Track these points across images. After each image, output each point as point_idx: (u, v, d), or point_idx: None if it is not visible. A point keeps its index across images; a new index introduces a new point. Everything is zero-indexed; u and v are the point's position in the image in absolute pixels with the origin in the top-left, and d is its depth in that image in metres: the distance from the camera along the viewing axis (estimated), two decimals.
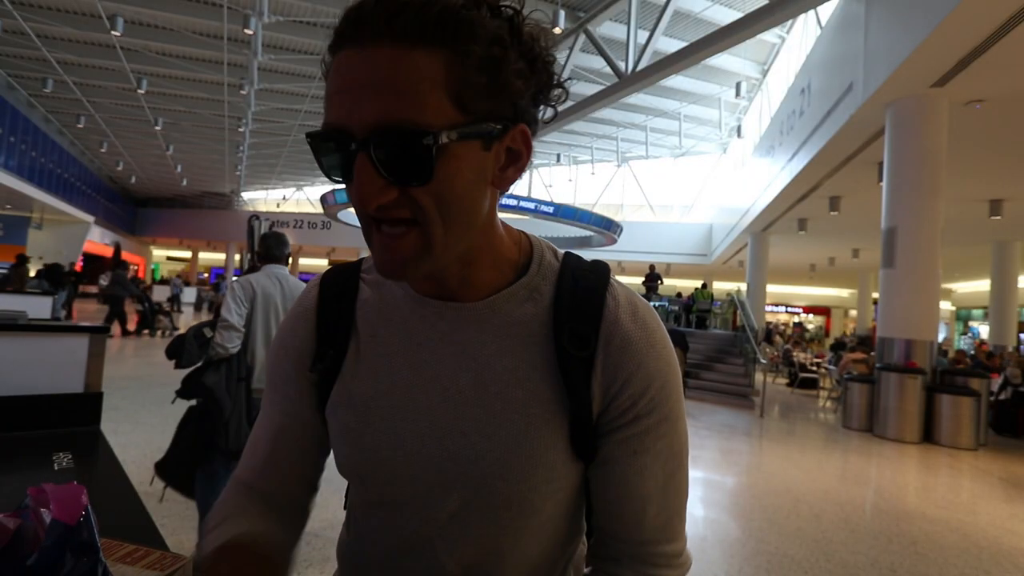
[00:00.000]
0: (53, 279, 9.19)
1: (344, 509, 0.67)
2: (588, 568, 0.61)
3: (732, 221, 18.01)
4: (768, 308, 23.66)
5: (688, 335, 10.34)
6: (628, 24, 9.92)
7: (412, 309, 0.56)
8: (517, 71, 0.46)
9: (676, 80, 15.31)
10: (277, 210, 30.02)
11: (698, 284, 15.09)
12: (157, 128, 18.27)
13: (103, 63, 13.77)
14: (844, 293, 29.69)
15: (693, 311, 13.63)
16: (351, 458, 0.56)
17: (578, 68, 12.97)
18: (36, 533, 0.63)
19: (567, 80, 0.57)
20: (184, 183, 26.50)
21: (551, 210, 18.68)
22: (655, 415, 0.53)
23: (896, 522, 3.82)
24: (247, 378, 2.41)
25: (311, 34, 11.80)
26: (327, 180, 0.62)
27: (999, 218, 11.16)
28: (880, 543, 3.40)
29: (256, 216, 12.29)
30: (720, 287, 23.56)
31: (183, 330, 2.49)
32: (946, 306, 25.54)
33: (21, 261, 11.44)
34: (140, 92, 14.83)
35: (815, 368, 11.92)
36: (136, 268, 31.54)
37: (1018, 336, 15.13)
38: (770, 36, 14.56)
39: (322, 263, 32.45)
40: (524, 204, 18.56)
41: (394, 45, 0.42)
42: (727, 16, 10.79)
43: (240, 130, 17.73)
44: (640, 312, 0.55)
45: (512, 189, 0.55)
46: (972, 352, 14.44)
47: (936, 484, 4.99)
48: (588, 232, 20.87)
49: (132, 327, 11.72)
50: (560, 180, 26.81)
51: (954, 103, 6.78)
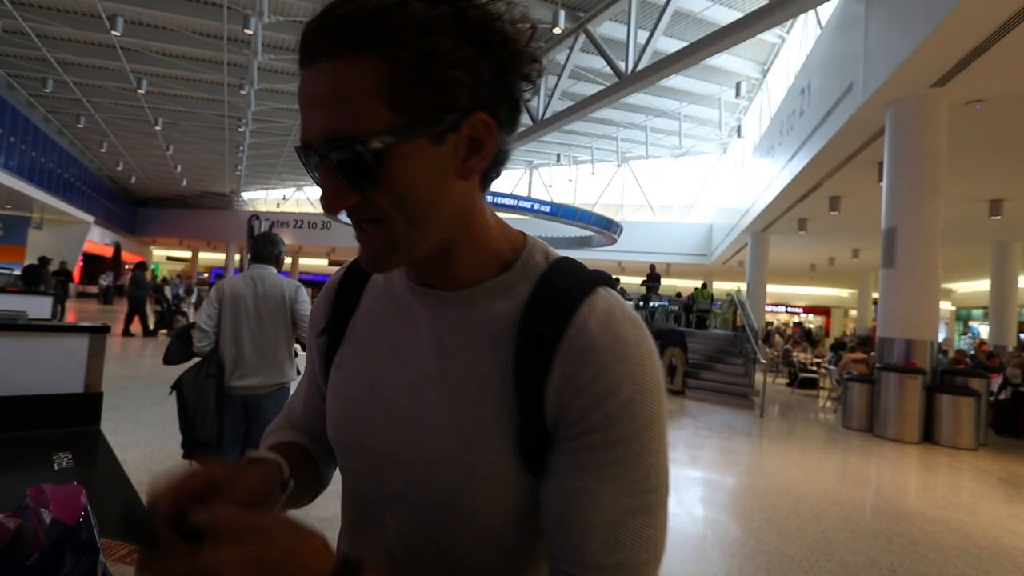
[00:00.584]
0: (28, 279, 9.15)
1: None
2: None
3: (732, 221, 18.02)
4: (768, 308, 23.67)
5: (688, 335, 10.33)
6: (628, 24, 9.91)
7: (403, 295, 0.59)
8: (458, 60, 0.45)
9: (676, 80, 15.31)
10: (277, 210, 30.02)
11: (698, 284, 15.10)
12: (157, 128, 18.26)
13: (103, 63, 13.76)
14: (844, 293, 29.69)
15: (693, 311, 13.64)
16: (331, 422, 0.61)
17: (578, 68, 12.96)
18: (36, 533, 0.63)
19: (547, 76, 0.54)
20: (184, 183, 26.50)
21: (551, 210, 18.70)
22: (610, 433, 0.47)
23: (896, 522, 3.82)
24: (218, 375, 2.54)
25: None
26: None
27: (999, 218, 11.16)
28: (880, 543, 3.40)
29: (256, 216, 12.29)
30: (720, 287, 23.56)
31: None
32: (946, 306, 25.54)
33: (44, 262, 11.50)
34: (140, 92, 14.83)
35: (815, 368, 11.92)
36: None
37: (1018, 336, 15.12)
38: (770, 36, 14.56)
39: (322, 263, 32.43)
40: (523, 204, 18.59)
41: (329, 60, 0.45)
42: (727, 16, 10.79)
43: (240, 130, 17.73)
44: (617, 323, 0.50)
45: (513, 189, 0.54)
46: (972, 352, 14.43)
47: (936, 484, 4.99)
48: (588, 232, 20.88)
49: (145, 327, 11.84)
50: (560, 180, 26.81)
51: (954, 103, 6.78)
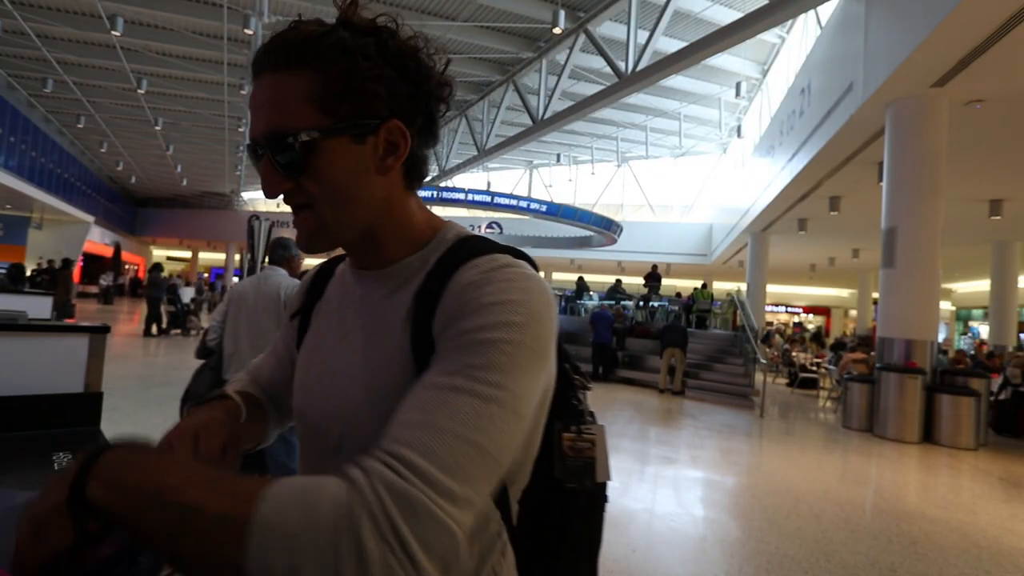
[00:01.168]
0: (14, 277, 9.13)
1: None
2: None
3: (732, 221, 18.02)
4: (768, 308, 23.67)
5: (688, 334, 10.31)
6: (628, 24, 9.91)
7: (349, 280, 0.68)
8: (375, 77, 0.56)
9: (676, 80, 15.31)
10: (277, 210, 29.93)
11: (698, 284, 15.10)
12: (157, 128, 18.27)
13: (103, 63, 13.77)
14: (844, 293, 29.70)
15: (693, 311, 13.63)
16: (294, 393, 0.70)
17: (578, 68, 12.96)
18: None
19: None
20: (184, 183, 26.51)
21: (551, 210, 18.70)
22: (463, 324, 0.51)
23: (896, 522, 3.81)
24: (217, 367, 2.81)
25: None
26: None
27: (999, 218, 11.16)
28: (880, 543, 3.40)
29: (256, 216, 12.30)
30: (720, 287, 23.56)
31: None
32: (946, 306, 25.54)
33: (66, 264, 11.51)
34: (140, 92, 14.84)
35: (815, 368, 11.93)
36: (136, 268, 31.55)
37: (1018, 336, 15.12)
38: (770, 36, 14.56)
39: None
40: (523, 204, 18.58)
41: (273, 72, 0.56)
42: (727, 16, 10.79)
43: (240, 130, 17.74)
44: (498, 271, 0.54)
45: (513, 188, 0.56)
46: (972, 352, 14.44)
47: (936, 484, 4.99)
48: (588, 232, 20.88)
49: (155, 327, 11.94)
50: (560, 180, 26.81)
51: (954, 103, 6.78)
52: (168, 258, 36.19)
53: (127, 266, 29.15)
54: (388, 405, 0.52)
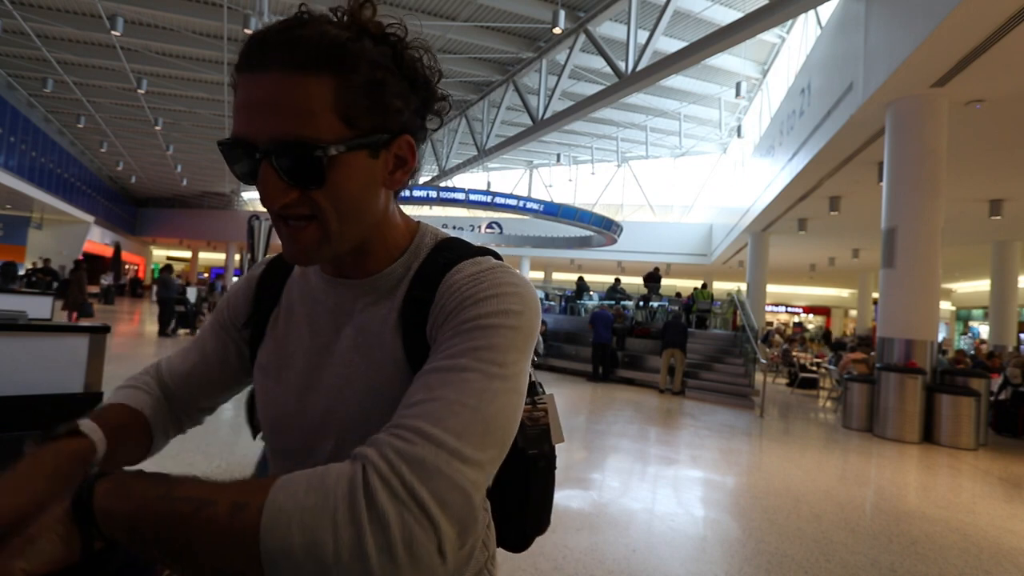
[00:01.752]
0: (5, 276, 9.16)
1: None
2: None
3: (732, 221, 18.02)
4: (768, 308, 23.67)
5: (688, 335, 10.31)
6: (628, 24, 9.92)
7: (319, 287, 0.66)
8: (397, 92, 0.55)
9: (676, 80, 15.31)
10: None
11: (698, 284, 15.10)
12: (157, 128, 18.26)
13: (103, 63, 13.77)
14: (844, 293, 29.70)
15: (693, 311, 13.64)
16: (262, 411, 0.67)
17: (578, 68, 12.97)
18: None
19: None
20: (184, 183, 26.50)
21: (551, 210, 18.69)
22: (461, 316, 0.53)
23: (896, 522, 3.81)
24: None
25: None
26: None
27: (999, 218, 11.16)
28: (880, 543, 3.40)
29: (256, 216, 12.31)
30: (720, 287, 23.57)
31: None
32: (946, 306, 25.54)
33: (78, 266, 11.54)
34: (140, 92, 14.84)
35: (815, 368, 11.92)
36: (136, 268, 31.55)
37: (1018, 336, 15.12)
38: (770, 36, 14.56)
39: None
40: (523, 204, 18.58)
41: (289, 72, 0.50)
42: (727, 16, 10.79)
43: None
44: (485, 273, 0.56)
45: (513, 188, 0.57)
46: (972, 352, 14.44)
47: (936, 484, 4.99)
48: (588, 232, 20.88)
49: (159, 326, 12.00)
50: (560, 180, 26.82)
51: (954, 103, 6.78)
52: (168, 258, 36.20)
53: (127, 266, 29.16)
54: (386, 415, 0.54)
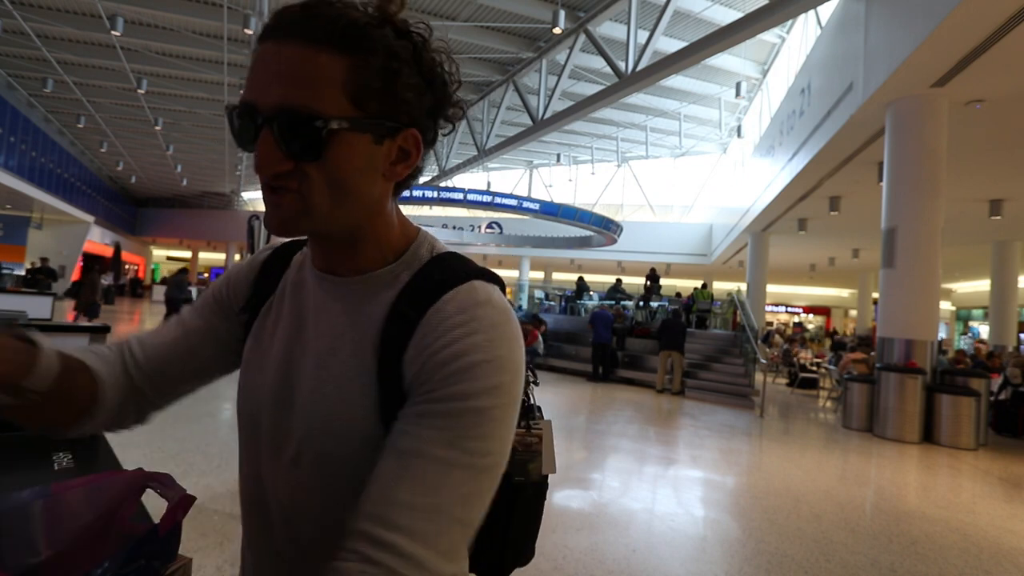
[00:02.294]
0: None
1: None
2: None
3: (732, 221, 18.02)
4: (768, 308, 23.67)
5: (687, 334, 10.31)
6: (628, 24, 9.91)
7: (309, 280, 0.64)
8: (411, 85, 0.54)
9: (676, 80, 15.31)
10: None
11: (698, 284, 15.10)
12: (157, 128, 18.27)
13: (103, 63, 13.77)
14: (844, 293, 29.70)
15: (693, 311, 13.64)
16: (239, 394, 0.66)
17: (578, 68, 12.96)
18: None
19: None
20: (184, 183, 26.50)
21: (551, 210, 18.69)
22: (451, 390, 0.50)
23: (896, 522, 3.81)
24: None
25: None
26: None
27: (999, 218, 11.16)
28: (880, 543, 3.40)
29: (256, 216, 12.32)
30: (720, 287, 23.56)
31: None
32: (946, 306, 25.53)
33: (89, 267, 11.59)
34: (140, 92, 14.84)
35: (815, 368, 11.92)
36: (136, 268, 31.55)
37: (1018, 336, 15.12)
38: (770, 36, 14.56)
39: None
40: (523, 204, 18.58)
41: (305, 45, 0.50)
42: (727, 16, 10.79)
43: None
44: (478, 307, 0.53)
45: (513, 188, 0.56)
46: (972, 352, 14.44)
47: (936, 484, 4.99)
48: (588, 232, 20.88)
49: None
50: (560, 180, 26.82)
51: (954, 103, 6.78)
52: (168, 258, 36.21)
53: (127, 266, 29.16)
54: (347, 427, 0.55)
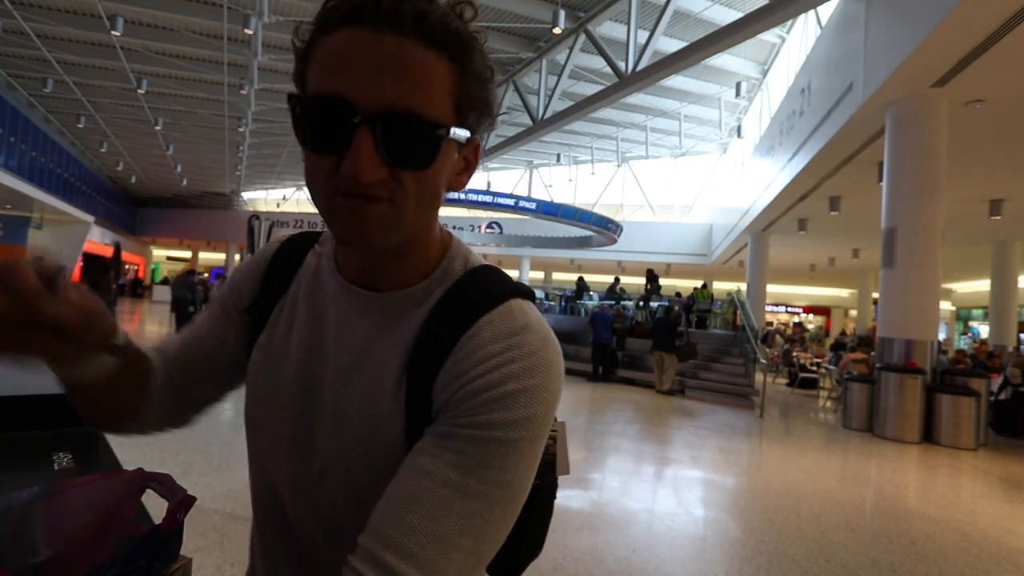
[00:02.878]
0: None
1: None
2: None
3: (732, 221, 18.02)
4: (768, 308, 23.67)
5: (687, 335, 10.30)
6: (628, 24, 9.92)
7: (334, 290, 0.59)
8: (493, 95, 0.54)
9: (676, 80, 15.31)
10: (277, 210, 30.02)
11: (698, 284, 15.10)
12: (157, 128, 18.27)
13: (103, 63, 13.77)
14: (844, 293, 29.69)
15: (693, 311, 13.64)
16: (247, 399, 0.62)
17: (578, 68, 12.96)
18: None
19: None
20: (184, 183, 26.50)
21: (551, 210, 18.69)
22: (479, 418, 0.47)
23: (896, 522, 3.81)
24: None
25: None
26: None
27: (999, 218, 11.16)
28: (880, 543, 3.40)
29: (256, 216, 12.28)
30: (720, 287, 23.56)
31: None
32: (946, 306, 25.53)
33: (105, 269, 11.67)
34: (140, 92, 14.84)
35: (815, 368, 11.92)
36: (136, 268, 31.56)
37: (1018, 336, 15.12)
38: (770, 36, 14.56)
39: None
40: (523, 204, 18.58)
41: (414, 41, 0.46)
42: (727, 16, 10.79)
43: (240, 130, 17.74)
44: (516, 335, 0.50)
45: (513, 188, 0.56)
46: (972, 352, 14.44)
47: (936, 484, 4.99)
48: (588, 232, 20.88)
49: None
50: (560, 180, 26.82)
51: (954, 103, 6.78)
52: (168, 258, 36.23)
53: (127, 266, 29.15)
54: (374, 452, 0.53)
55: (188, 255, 34.61)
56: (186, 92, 15.62)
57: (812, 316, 31.97)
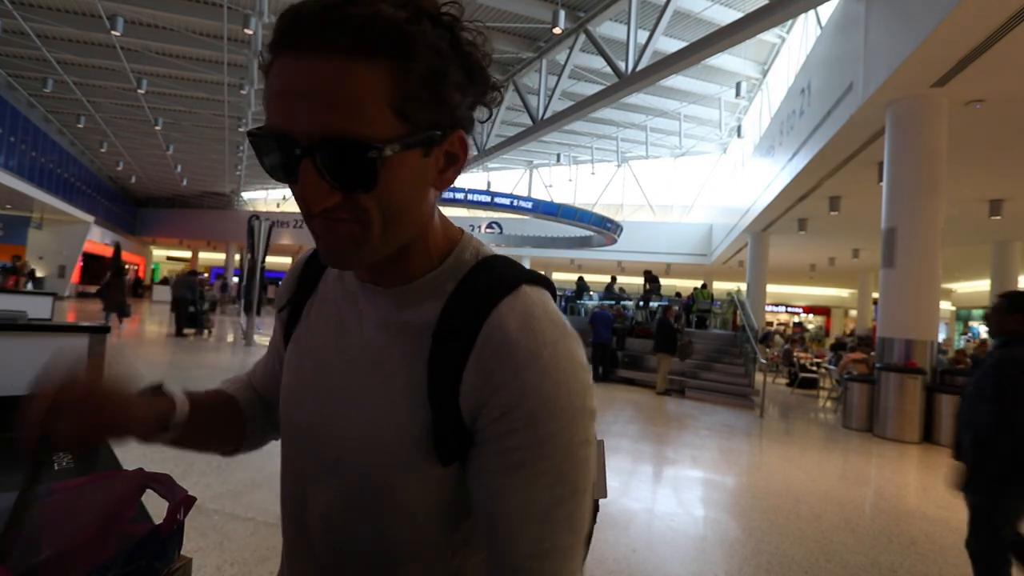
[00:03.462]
0: None
1: None
2: None
3: (732, 221, 18.02)
4: (768, 308, 23.67)
5: (688, 335, 10.31)
6: (628, 24, 9.92)
7: (352, 288, 0.62)
8: (456, 83, 0.49)
9: (676, 80, 15.31)
10: (277, 210, 30.00)
11: (698, 284, 15.10)
12: (157, 128, 18.27)
13: (103, 63, 13.77)
14: (844, 293, 29.68)
15: (693, 311, 13.64)
16: (282, 394, 0.65)
17: (578, 68, 12.96)
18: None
19: (496, 87, 0.55)
20: (184, 183, 26.51)
21: (551, 210, 18.70)
22: (534, 431, 0.48)
23: (896, 522, 3.82)
24: None
25: None
26: None
27: (999, 218, 11.16)
28: (880, 543, 3.40)
29: (256, 216, 12.27)
30: (720, 287, 23.55)
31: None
32: (946, 306, 25.52)
33: (119, 271, 11.74)
34: (140, 92, 14.84)
35: (815, 368, 11.92)
36: (136, 268, 31.55)
37: None
38: (770, 36, 14.56)
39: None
40: (523, 204, 18.59)
41: (336, 58, 0.43)
42: (727, 16, 10.79)
43: (240, 130, 17.74)
44: (535, 321, 0.50)
45: (513, 188, 0.56)
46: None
47: (936, 484, 4.99)
48: (588, 232, 20.89)
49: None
50: (560, 180, 26.81)
51: (954, 103, 6.77)
52: (168, 258, 36.22)
53: (127, 266, 29.15)
54: (392, 442, 0.53)
55: (188, 255, 34.60)
56: (186, 92, 15.62)
57: (812, 316, 31.97)
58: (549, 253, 24.45)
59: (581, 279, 16.30)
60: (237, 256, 27.72)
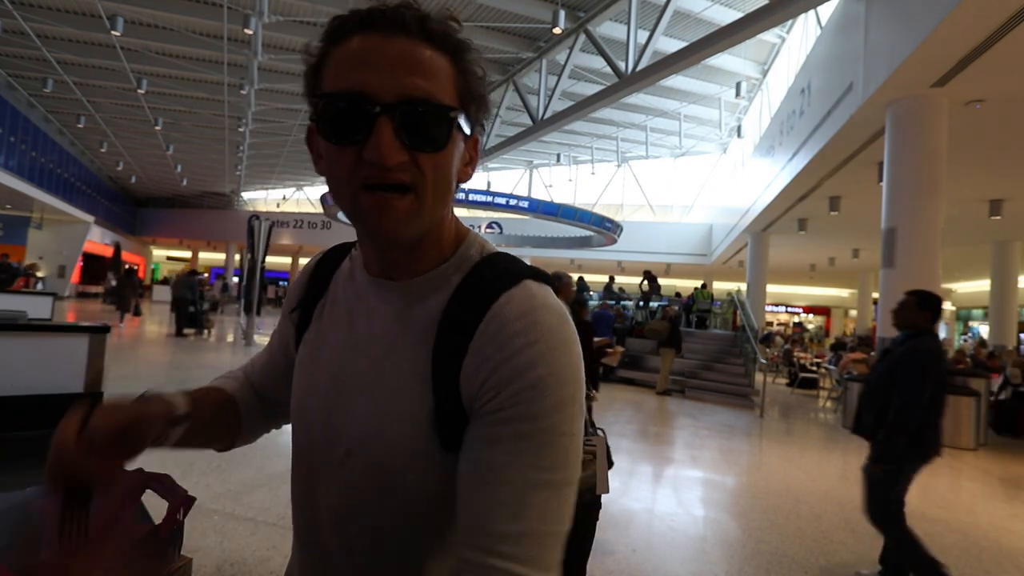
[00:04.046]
0: None
1: None
2: None
3: (732, 221, 18.02)
4: (768, 308, 23.67)
5: (687, 335, 10.31)
6: (628, 24, 9.91)
7: (362, 284, 0.65)
8: (480, 96, 0.58)
9: (676, 80, 15.30)
10: (277, 210, 30.02)
11: (698, 284, 15.10)
12: (157, 128, 18.26)
13: (103, 63, 13.76)
14: (844, 293, 29.69)
15: (693, 311, 13.63)
16: (294, 394, 0.67)
17: (578, 68, 12.96)
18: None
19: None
20: (184, 183, 26.50)
21: (550, 210, 18.68)
22: (520, 409, 0.50)
23: None
24: None
25: (311, 34, 11.77)
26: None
27: (999, 218, 11.15)
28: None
29: (256, 216, 12.27)
30: (720, 287, 23.56)
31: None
32: (946, 306, 25.50)
33: (130, 273, 11.80)
34: (140, 92, 14.84)
35: (815, 368, 11.92)
36: (136, 267, 31.54)
37: (1018, 336, 15.12)
38: (770, 36, 14.56)
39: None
40: (523, 204, 18.57)
41: (415, 39, 0.52)
42: (727, 16, 10.79)
43: (240, 130, 17.73)
44: (535, 312, 0.53)
45: (513, 188, 0.58)
46: (972, 352, 14.45)
47: (936, 484, 4.99)
48: (588, 232, 20.88)
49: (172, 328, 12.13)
50: (560, 180, 26.81)
51: (954, 103, 6.77)
52: (168, 258, 36.22)
53: (127, 266, 29.16)
54: (399, 430, 0.55)
55: (188, 255, 34.61)
56: (186, 92, 15.62)
57: (812, 316, 31.97)
58: (549, 253, 24.45)
59: (581, 279, 16.29)
60: (237, 256, 27.75)
